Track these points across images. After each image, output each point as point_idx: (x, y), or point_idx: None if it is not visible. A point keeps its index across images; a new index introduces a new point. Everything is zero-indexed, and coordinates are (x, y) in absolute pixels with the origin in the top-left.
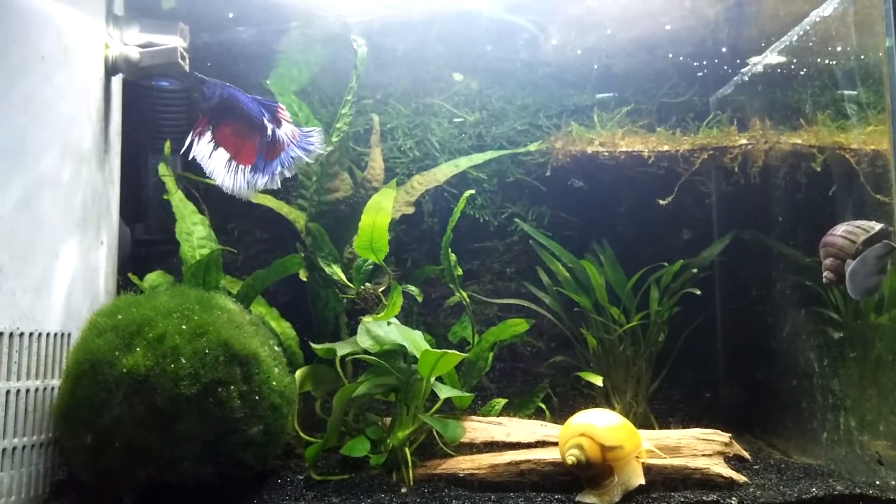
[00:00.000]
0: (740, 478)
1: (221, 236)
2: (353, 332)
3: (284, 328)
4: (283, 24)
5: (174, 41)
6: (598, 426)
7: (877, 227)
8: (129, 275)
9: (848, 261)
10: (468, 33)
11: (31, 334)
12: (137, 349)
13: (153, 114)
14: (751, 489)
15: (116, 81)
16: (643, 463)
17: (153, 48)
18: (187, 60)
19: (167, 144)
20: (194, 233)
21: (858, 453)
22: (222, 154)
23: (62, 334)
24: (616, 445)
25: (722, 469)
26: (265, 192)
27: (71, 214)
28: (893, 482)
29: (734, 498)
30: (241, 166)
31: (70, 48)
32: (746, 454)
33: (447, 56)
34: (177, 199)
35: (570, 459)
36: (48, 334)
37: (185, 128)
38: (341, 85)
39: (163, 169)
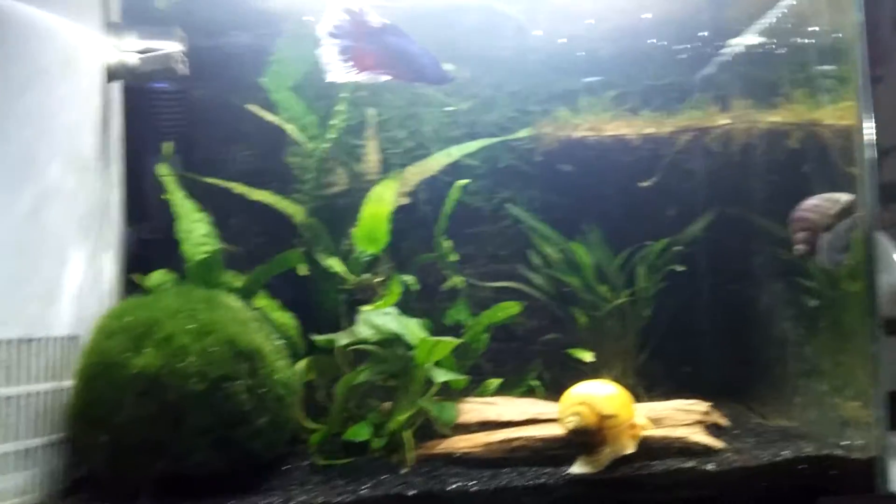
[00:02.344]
0: (718, 444)
1: (222, 231)
2: (352, 322)
3: (286, 319)
4: (276, 28)
5: (172, 46)
6: (597, 395)
7: (845, 199)
8: (135, 276)
9: (820, 234)
10: (458, 24)
11: (42, 340)
12: (147, 350)
13: (152, 115)
14: (727, 454)
15: (116, 87)
16: (642, 436)
17: (151, 54)
18: (185, 64)
19: (168, 145)
20: (195, 230)
21: (829, 415)
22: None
23: (72, 337)
24: (612, 414)
25: (700, 437)
26: (263, 187)
27: (76, 221)
28: (859, 441)
29: (711, 464)
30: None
31: (70, 59)
32: (724, 421)
33: (438, 47)
34: (177, 198)
35: (569, 425)
36: (59, 338)
37: (184, 128)
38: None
39: (163, 169)
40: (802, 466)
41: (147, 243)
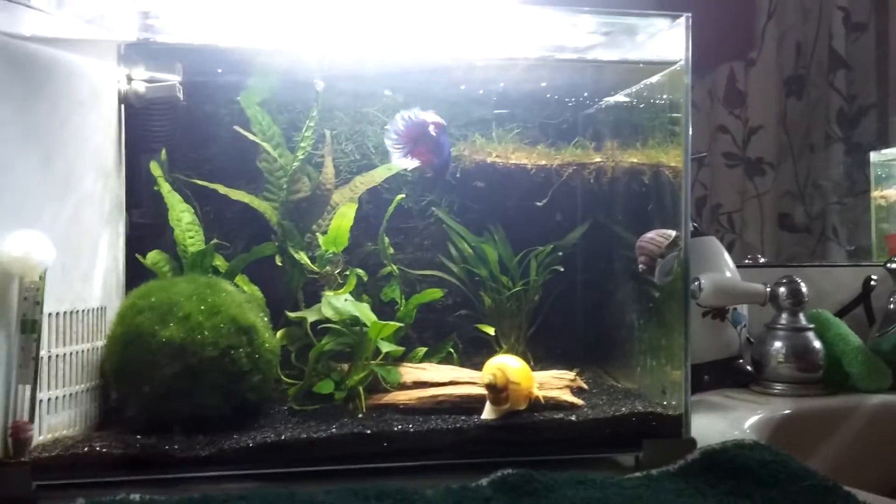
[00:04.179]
0: (579, 402)
1: (204, 220)
2: (309, 302)
3: (254, 291)
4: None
5: (173, 77)
6: (510, 366)
7: (673, 235)
8: (137, 255)
9: (658, 259)
10: (398, 65)
11: (82, 311)
12: (171, 324)
13: (147, 123)
14: (585, 409)
15: (124, 108)
16: (534, 398)
17: (156, 84)
18: (182, 92)
19: (163, 151)
20: (182, 219)
21: (657, 382)
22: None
23: (101, 308)
24: (516, 381)
25: (567, 397)
26: (237, 186)
27: (102, 218)
28: (673, 402)
29: (573, 416)
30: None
31: (98, 91)
32: (585, 386)
33: (380, 79)
34: (165, 190)
35: (486, 379)
36: (93, 309)
37: (170, 132)
38: (294, 94)
39: (154, 168)
40: (634, 419)
41: (138, 226)
